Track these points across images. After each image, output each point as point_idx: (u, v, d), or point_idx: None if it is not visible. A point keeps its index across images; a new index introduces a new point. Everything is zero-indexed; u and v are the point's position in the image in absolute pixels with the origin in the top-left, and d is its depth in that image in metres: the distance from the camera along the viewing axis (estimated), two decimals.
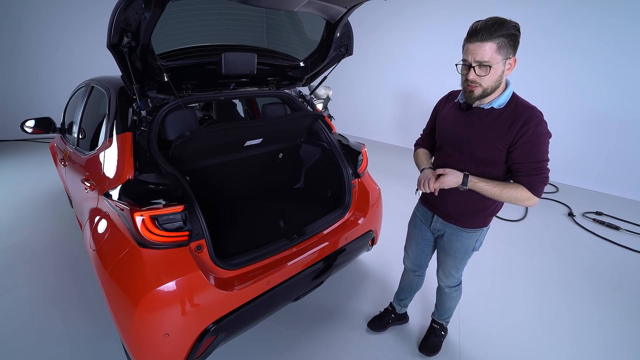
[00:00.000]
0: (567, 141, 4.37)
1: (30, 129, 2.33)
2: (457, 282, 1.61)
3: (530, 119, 1.12)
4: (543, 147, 1.14)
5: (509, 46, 1.07)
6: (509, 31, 1.05)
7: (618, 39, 3.78)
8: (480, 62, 1.09)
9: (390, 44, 5.81)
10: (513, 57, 1.10)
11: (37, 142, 5.73)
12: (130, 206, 1.21)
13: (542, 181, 1.15)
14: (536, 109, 1.15)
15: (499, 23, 1.05)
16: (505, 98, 1.17)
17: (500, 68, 1.09)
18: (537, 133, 1.11)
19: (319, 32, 1.98)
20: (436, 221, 1.46)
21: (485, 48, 1.07)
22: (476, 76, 1.11)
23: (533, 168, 1.15)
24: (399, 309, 1.90)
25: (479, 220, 1.36)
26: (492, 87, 1.14)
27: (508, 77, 1.18)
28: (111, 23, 1.23)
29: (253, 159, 2.07)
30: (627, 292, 2.32)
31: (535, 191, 1.16)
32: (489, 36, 1.05)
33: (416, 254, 1.66)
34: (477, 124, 1.22)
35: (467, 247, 1.42)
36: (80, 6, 5.78)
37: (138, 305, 1.16)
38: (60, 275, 2.34)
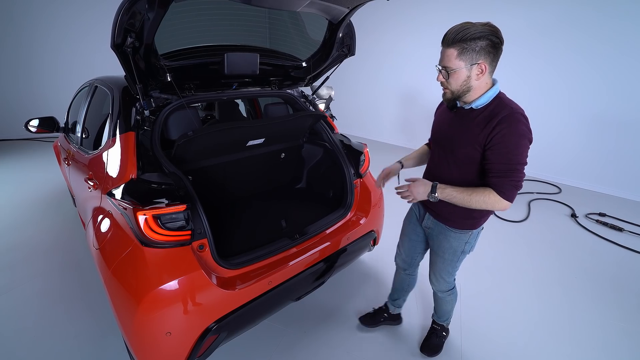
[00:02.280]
0: (568, 141, 4.35)
1: (34, 128, 2.35)
2: (449, 286, 1.59)
3: (505, 118, 1.10)
4: (519, 150, 1.11)
5: (473, 52, 1.07)
6: (473, 37, 1.05)
7: (618, 40, 3.76)
8: (444, 67, 1.13)
9: (392, 44, 5.81)
10: (482, 63, 1.09)
11: (41, 142, 5.77)
12: (133, 205, 1.22)
13: (513, 185, 1.12)
14: (517, 110, 1.13)
15: (462, 29, 1.06)
16: (485, 99, 1.16)
17: (463, 73, 1.11)
18: (511, 133, 1.09)
19: (322, 33, 1.98)
20: (427, 218, 1.47)
21: (448, 54, 1.11)
22: (442, 79, 1.17)
23: (504, 170, 1.12)
24: (392, 309, 1.91)
25: (468, 222, 1.34)
26: (460, 90, 1.15)
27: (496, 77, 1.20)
28: (115, 23, 1.24)
29: (255, 158, 2.08)
30: (629, 293, 2.31)
31: (504, 194, 1.12)
32: (451, 42, 1.09)
33: (408, 251, 1.66)
34: (458, 123, 1.23)
35: (456, 248, 1.41)
36: (83, 6, 5.81)
37: (140, 303, 1.17)
38: (64, 274, 2.35)
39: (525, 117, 1.13)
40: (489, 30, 1.05)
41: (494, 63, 1.12)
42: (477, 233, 1.39)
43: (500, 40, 1.08)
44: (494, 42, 1.06)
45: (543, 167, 4.60)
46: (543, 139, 4.55)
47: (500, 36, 1.07)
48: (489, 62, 1.10)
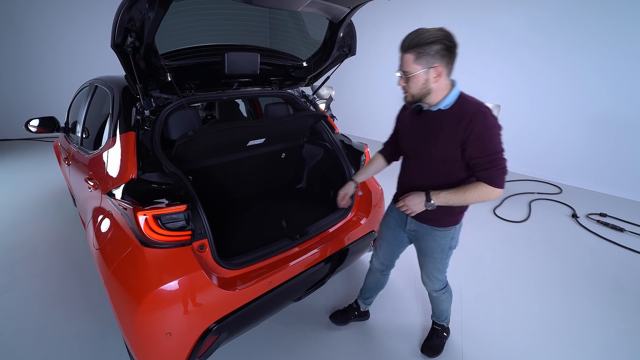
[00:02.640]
0: (569, 141, 4.35)
1: (35, 128, 2.35)
2: (442, 284, 1.60)
3: (475, 115, 1.15)
4: (494, 140, 1.17)
5: (429, 56, 1.12)
6: (427, 42, 1.10)
7: (619, 40, 3.76)
8: (403, 72, 1.19)
9: (393, 43, 5.79)
10: (438, 66, 1.13)
11: (41, 142, 5.77)
12: (133, 205, 1.21)
13: (501, 172, 1.18)
14: (482, 104, 1.19)
15: (417, 35, 1.12)
16: (451, 99, 1.21)
17: (421, 77, 1.16)
18: (485, 127, 1.15)
19: (322, 32, 1.98)
20: (410, 222, 1.47)
21: (405, 59, 1.16)
22: (403, 84, 1.22)
23: (489, 162, 1.18)
24: (363, 307, 1.93)
25: (451, 219, 1.39)
26: (420, 93, 1.20)
27: (454, 78, 1.23)
28: (115, 23, 1.24)
29: (255, 158, 2.07)
30: (630, 294, 2.30)
31: (495, 183, 1.19)
32: (407, 48, 1.14)
33: (386, 254, 1.67)
34: (428, 126, 1.27)
35: (443, 245, 1.44)
36: (83, 6, 5.81)
37: (140, 304, 1.17)
38: (64, 274, 2.35)
39: (489, 109, 1.19)
40: (442, 35, 1.11)
41: (450, 66, 1.17)
42: (459, 228, 1.45)
43: (454, 44, 1.13)
44: (447, 45, 1.11)
45: (543, 167, 4.60)
46: (543, 139, 4.55)
47: (453, 40, 1.12)
48: (445, 64, 1.15)
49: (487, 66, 4.81)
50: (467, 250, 2.78)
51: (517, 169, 4.85)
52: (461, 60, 1.20)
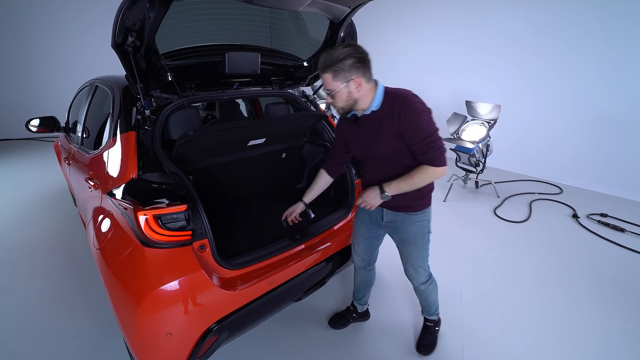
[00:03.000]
0: (570, 141, 4.34)
1: (35, 128, 2.35)
2: (427, 275, 1.63)
3: (401, 104, 1.24)
4: (424, 124, 1.24)
5: (345, 71, 1.21)
6: (338, 59, 1.19)
7: (619, 40, 3.75)
8: (327, 90, 1.29)
9: (393, 43, 5.80)
10: (355, 78, 1.22)
11: (41, 141, 5.78)
12: (134, 205, 1.21)
13: (438, 152, 1.25)
14: (406, 95, 1.26)
15: (328, 56, 1.21)
16: (378, 99, 1.29)
17: (344, 91, 1.25)
18: (412, 112, 1.23)
19: (323, 32, 1.97)
20: (387, 214, 1.52)
21: (325, 79, 1.26)
22: (330, 100, 1.31)
23: (425, 145, 1.25)
24: (360, 308, 1.94)
25: (423, 201, 1.46)
26: (348, 104, 1.29)
27: (377, 78, 1.32)
28: (116, 22, 1.23)
29: (256, 158, 2.07)
30: (631, 295, 2.30)
31: (436, 163, 1.27)
32: (323, 69, 1.24)
33: (365, 250, 1.70)
34: (368, 129, 1.36)
35: (423, 229, 1.50)
36: (83, 5, 5.82)
37: (141, 304, 1.16)
38: (65, 274, 2.35)
39: (414, 95, 1.27)
40: (351, 49, 1.20)
41: (367, 73, 1.26)
42: (430, 210, 1.51)
43: (363, 54, 1.23)
44: (358, 57, 1.21)
45: (544, 167, 4.59)
46: (544, 139, 4.55)
47: (361, 51, 1.23)
48: (361, 74, 1.24)
49: (488, 66, 4.80)
50: (468, 250, 2.78)
51: (517, 169, 4.85)
52: (462, 60, 1.21)
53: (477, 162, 3.74)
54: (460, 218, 3.35)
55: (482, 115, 3.76)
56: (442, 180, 4.29)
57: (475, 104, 3.80)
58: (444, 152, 1.27)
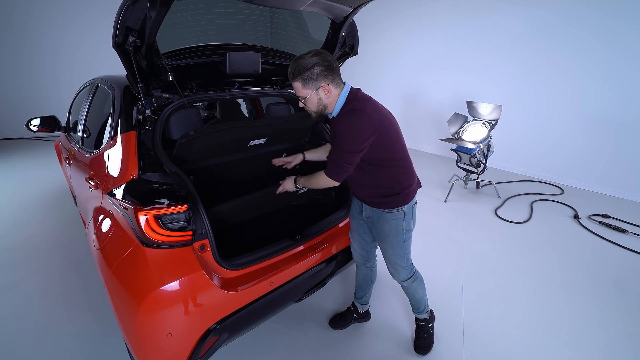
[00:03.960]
0: (571, 142, 4.33)
1: (36, 127, 2.35)
2: (409, 272, 1.63)
3: (344, 113, 1.31)
4: (344, 140, 1.29)
5: (314, 79, 1.27)
6: (306, 68, 1.25)
7: (620, 41, 3.75)
8: (298, 97, 1.35)
9: (393, 43, 5.80)
10: (325, 85, 1.28)
11: (42, 141, 5.78)
12: (134, 205, 1.21)
13: (335, 165, 1.35)
14: (360, 106, 1.29)
15: (296, 65, 1.26)
16: (338, 107, 1.34)
17: (314, 98, 1.31)
18: (342, 126, 1.28)
19: (324, 32, 1.97)
20: (365, 209, 1.57)
21: (295, 87, 1.32)
22: (302, 105, 1.37)
23: (332, 154, 1.35)
24: (360, 308, 1.93)
25: (395, 199, 1.46)
26: (319, 109, 1.36)
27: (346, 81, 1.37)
28: (116, 22, 1.23)
29: (257, 158, 2.07)
30: (632, 295, 2.29)
31: (330, 174, 1.37)
32: (292, 78, 1.30)
33: (361, 244, 1.72)
34: (332, 132, 1.40)
35: (396, 227, 1.50)
36: (84, 5, 5.82)
37: (141, 304, 1.16)
38: (65, 273, 2.35)
39: (361, 110, 1.28)
40: (318, 58, 1.25)
41: (336, 79, 1.31)
42: (410, 208, 1.50)
43: (330, 62, 1.28)
44: (325, 65, 1.26)
45: (545, 167, 4.58)
46: (545, 140, 4.54)
47: (328, 58, 1.27)
48: (330, 81, 1.29)
49: (489, 66, 4.79)
50: (469, 251, 2.77)
51: (518, 169, 4.84)
52: (462, 60, 1.20)
53: (478, 162, 3.73)
54: (461, 218, 3.35)
55: (483, 116, 3.75)
56: (443, 180, 4.29)
57: (476, 104, 3.79)
58: (340, 171, 1.35)
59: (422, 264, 1.77)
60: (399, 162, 1.43)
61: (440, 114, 5.23)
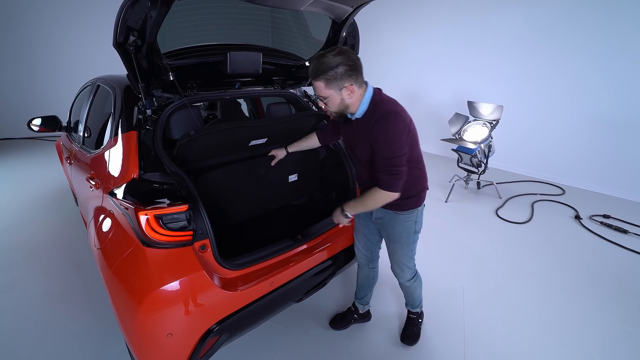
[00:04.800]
0: (572, 142, 4.32)
1: (37, 127, 2.35)
2: (412, 273, 1.66)
3: (378, 117, 1.25)
4: (391, 144, 1.24)
5: (337, 79, 1.21)
6: (330, 67, 1.19)
7: (620, 41, 3.74)
8: (318, 96, 1.30)
9: (394, 43, 5.79)
10: (349, 85, 1.23)
11: (43, 141, 5.78)
12: (135, 205, 1.21)
13: (392, 177, 1.26)
14: (386, 106, 1.27)
15: (320, 64, 1.20)
16: (363, 109, 1.31)
17: (336, 98, 1.27)
18: (383, 129, 1.24)
19: (325, 32, 1.96)
20: (376, 211, 1.55)
21: (317, 86, 1.27)
22: (322, 105, 1.33)
23: (383, 165, 1.27)
24: (361, 308, 1.94)
25: (411, 201, 1.46)
26: (340, 109, 1.31)
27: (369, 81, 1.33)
28: (117, 22, 1.23)
29: (257, 158, 2.06)
30: (634, 296, 2.29)
31: (386, 187, 1.28)
32: (314, 77, 1.25)
33: (366, 245, 1.73)
34: (353, 134, 1.41)
35: (409, 229, 1.51)
36: (85, 5, 5.82)
37: (141, 304, 1.16)
38: (66, 273, 2.35)
39: (396, 112, 1.25)
40: (343, 57, 1.19)
41: (359, 79, 1.26)
42: (421, 211, 1.52)
43: (355, 61, 1.22)
44: (350, 65, 1.21)
45: (546, 168, 4.57)
46: (546, 140, 4.53)
47: (353, 57, 1.22)
48: (354, 81, 1.24)
49: (489, 67, 4.78)
50: (469, 251, 2.77)
51: (519, 169, 4.83)
52: (463, 60, 1.20)
53: (479, 162, 3.72)
54: (461, 219, 3.34)
55: (484, 116, 3.74)
56: (444, 180, 4.29)
57: (477, 104, 3.79)
58: (399, 179, 1.28)
59: (422, 264, 1.76)
60: (418, 165, 1.44)
61: (441, 114, 5.22)
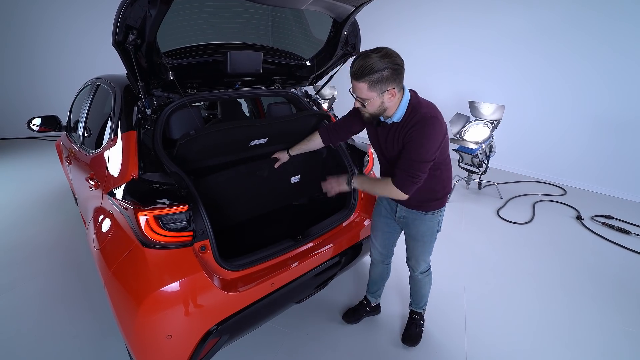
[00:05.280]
0: (573, 142, 4.31)
1: (37, 127, 2.34)
2: (427, 266, 1.70)
3: (417, 121, 1.25)
4: (422, 148, 1.25)
5: (381, 82, 1.19)
6: (376, 70, 1.17)
7: (621, 41, 3.73)
8: (358, 97, 1.27)
9: (395, 43, 5.73)
10: (392, 89, 1.22)
11: (43, 140, 5.78)
12: (134, 205, 1.20)
13: (409, 178, 1.28)
14: (427, 114, 1.25)
15: (366, 65, 1.17)
16: (401, 112, 1.30)
17: (377, 100, 1.25)
18: (419, 135, 1.24)
19: (326, 31, 1.95)
20: (400, 209, 1.57)
21: (359, 87, 1.23)
22: (360, 106, 1.31)
23: (404, 163, 1.29)
24: (373, 301, 1.97)
25: (437, 202, 1.50)
26: (378, 112, 1.30)
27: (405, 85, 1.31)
28: (117, 20, 1.22)
29: (258, 158, 2.05)
30: (635, 297, 2.27)
31: (400, 186, 1.30)
32: (359, 78, 1.20)
33: (383, 243, 1.74)
34: (386, 135, 1.40)
35: (432, 228, 1.55)
36: (85, 4, 5.81)
37: (141, 305, 1.15)
38: (66, 273, 2.34)
39: (434, 117, 1.25)
40: (389, 60, 1.17)
41: (400, 83, 1.25)
42: (443, 211, 1.56)
43: (400, 65, 1.21)
44: (395, 69, 1.19)
45: (547, 168, 4.56)
46: (547, 140, 4.52)
47: (398, 62, 1.20)
48: (397, 85, 1.23)
49: (490, 67, 4.77)
50: (471, 251, 2.76)
51: (520, 169, 4.81)
52: (464, 60, 1.20)
53: (480, 162, 3.71)
54: (463, 219, 3.33)
55: (485, 116, 3.73)
56: None
57: (479, 105, 3.78)
58: (415, 183, 1.29)
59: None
60: (448, 167, 1.46)
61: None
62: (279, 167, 1.95)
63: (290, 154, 1.84)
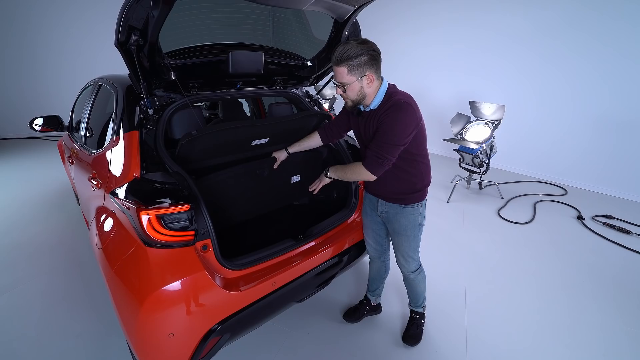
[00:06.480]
0: (573, 142, 4.31)
1: (39, 127, 2.35)
2: (417, 265, 1.70)
3: (390, 106, 1.31)
4: (393, 131, 1.30)
5: (360, 66, 1.28)
6: (355, 55, 1.25)
7: (621, 41, 3.72)
8: (340, 83, 1.34)
9: (395, 43, 5.78)
10: (370, 74, 1.30)
11: (45, 140, 5.80)
12: (137, 205, 1.20)
13: (377, 159, 1.34)
14: (399, 98, 1.32)
15: (345, 50, 1.26)
16: (378, 100, 1.36)
17: (356, 85, 1.32)
18: (390, 118, 1.30)
19: (327, 31, 1.96)
20: (381, 204, 1.60)
21: (339, 71, 1.31)
22: (341, 92, 1.37)
23: (375, 145, 1.34)
24: (373, 300, 1.99)
25: (416, 195, 1.51)
26: (358, 98, 1.37)
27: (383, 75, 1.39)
28: (119, 21, 1.23)
29: (259, 158, 2.06)
30: (636, 297, 2.27)
31: (369, 167, 1.36)
32: (337, 63, 1.29)
33: (375, 239, 1.77)
34: (366, 124, 1.44)
35: (414, 222, 1.56)
36: (86, 4, 5.83)
37: (143, 304, 1.16)
38: (68, 272, 2.35)
39: (407, 104, 1.31)
40: (367, 47, 1.27)
41: (378, 71, 1.34)
42: (424, 204, 1.58)
43: (377, 52, 1.30)
44: (372, 55, 1.28)
45: (548, 168, 4.56)
46: (548, 140, 4.51)
47: (375, 49, 1.29)
48: (374, 71, 1.31)
49: (491, 67, 4.77)
50: (471, 251, 2.76)
51: (521, 169, 4.81)
52: (465, 60, 1.20)
53: (481, 162, 3.71)
54: (463, 219, 3.33)
55: (486, 116, 3.73)
56: (445, 180, 4.28)
57: (479, 105, 3.78)
58: (383, 165, 1.35)
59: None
60: (425, 160, 1.49)
61: (443, 114, 5.21)
62: (280, 166, 1.95)
63: (289, 152, 1.86)
